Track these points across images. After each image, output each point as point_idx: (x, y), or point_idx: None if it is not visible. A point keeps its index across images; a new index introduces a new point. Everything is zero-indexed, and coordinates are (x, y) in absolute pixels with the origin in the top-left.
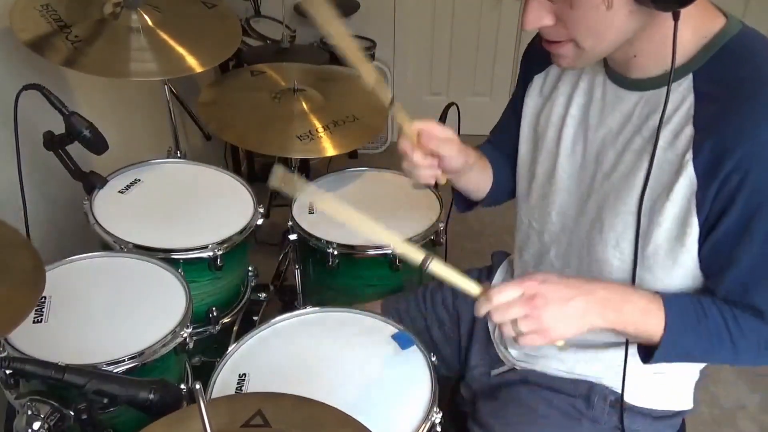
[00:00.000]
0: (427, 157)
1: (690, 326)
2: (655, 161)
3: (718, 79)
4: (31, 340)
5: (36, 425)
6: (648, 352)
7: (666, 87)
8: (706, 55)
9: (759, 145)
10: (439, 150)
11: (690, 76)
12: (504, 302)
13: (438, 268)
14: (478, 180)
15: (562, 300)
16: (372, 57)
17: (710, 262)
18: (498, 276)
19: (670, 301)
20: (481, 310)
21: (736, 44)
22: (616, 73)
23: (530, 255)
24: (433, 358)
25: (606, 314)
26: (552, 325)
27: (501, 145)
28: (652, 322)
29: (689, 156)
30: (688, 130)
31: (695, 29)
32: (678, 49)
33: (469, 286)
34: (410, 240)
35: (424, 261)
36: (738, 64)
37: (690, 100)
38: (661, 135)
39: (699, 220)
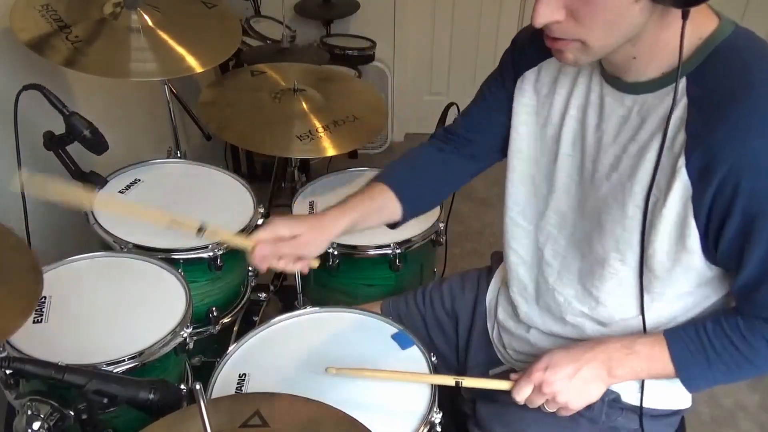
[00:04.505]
0: (281, 259)
1: (699, 357)
2: (652, 166)
3: (708, 84)
4: (31, 340)
5: (36, 425)
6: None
7: (662, 90)
8: (699, 57)
9: (748, 153)
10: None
11: (684, 80)
12: (525, 398)
13: (471, 382)
14: (378, 222)
15: (568, 377)
16: (372, 57)
17: (727, 265)
18: (497, 275)
19: (673, 339)
20: (519, 404)
21: (727, 47)
22: (612, 75)
23: (522, 255)
24: (433, 358)
25: (614, 372)
26: (567, 399)
27: (462, 141)
28: (659, 365)
29: (682, 161)
30: (681, 136)
31: (692, 30)
32: (677, 51)
33: (502, 385)
34: (410, 240)
35: (457, 383)
36: (726, 69)
37: (683, 103)
38: (658, 139)
39: (698, 224)
